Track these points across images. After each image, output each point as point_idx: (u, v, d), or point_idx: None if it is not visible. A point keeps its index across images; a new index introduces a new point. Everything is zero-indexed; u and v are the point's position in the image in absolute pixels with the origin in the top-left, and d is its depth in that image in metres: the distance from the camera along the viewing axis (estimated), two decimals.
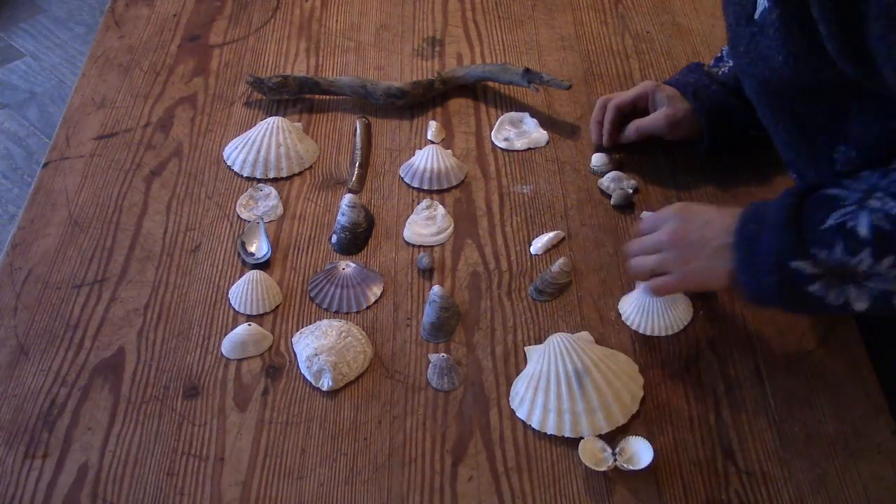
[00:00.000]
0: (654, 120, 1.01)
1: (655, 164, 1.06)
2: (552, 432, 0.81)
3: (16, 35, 2.73)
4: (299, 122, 1.13)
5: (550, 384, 0.82)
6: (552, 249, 0.97)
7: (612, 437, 0.81)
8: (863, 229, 0.70)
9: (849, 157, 0.79)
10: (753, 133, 0.96)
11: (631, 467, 0.78)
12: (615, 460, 0.78)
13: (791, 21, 0.71)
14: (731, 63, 1.02)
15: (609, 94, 1.06)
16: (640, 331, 0.89)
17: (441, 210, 1.01)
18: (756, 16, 0.76)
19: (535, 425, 0.81)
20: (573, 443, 0.80)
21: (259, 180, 1.06)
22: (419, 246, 0.98)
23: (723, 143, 1.01)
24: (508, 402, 0.84)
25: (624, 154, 1.06)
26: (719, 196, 1.02)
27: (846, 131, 0.79)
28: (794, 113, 0.81)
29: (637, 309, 0.90)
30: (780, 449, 0.80)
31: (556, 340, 0.84)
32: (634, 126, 1.03)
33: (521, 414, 0.83)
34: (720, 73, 1.01)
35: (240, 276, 0.95)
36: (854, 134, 0.78)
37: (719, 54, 1.06)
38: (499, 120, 1.12)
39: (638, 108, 1.04)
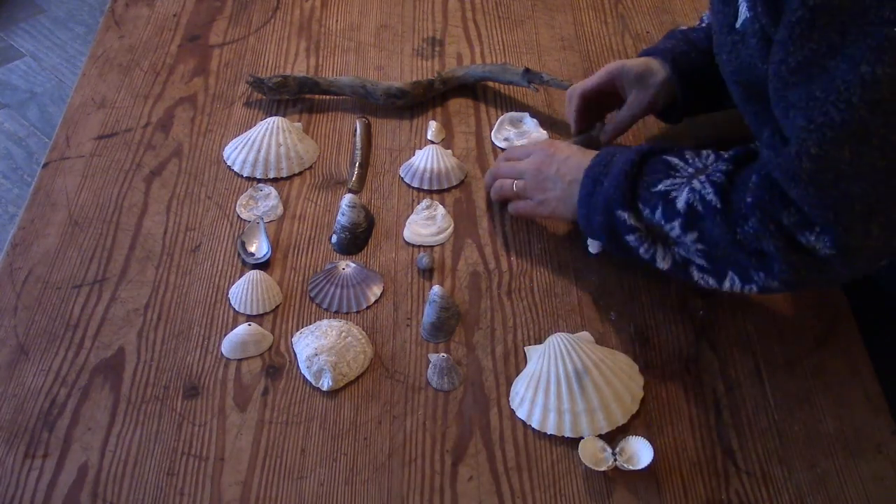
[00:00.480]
0: (629, 111, 1.00)
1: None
2: (552, 432, 0.81)
3: (16, 35, 2.73)
4: (299, 122, 1.13)
5: (550, 384, 0.82)
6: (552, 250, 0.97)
7: (612, 437, 0.81)
8: (680, 203, 0.78)
9: None
10: (727, 104, 0.95)
11: (631, 467, 0.78)
12: (615, 460, 0.78)
13: (767, 36, 0.72)
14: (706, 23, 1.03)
15: (574, 85, 1.04)
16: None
17: (441, 210, 1.01)
18: (737, 24, 0.77)
19: (535, 425, 0.81)
20: (573, 443, 0.80)
21: (259, 180, 1.06)
22: (419, 246, 0.98)
23: (699, 103, 1.00)
24: (508, 402, 0.84)
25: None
26: None
27: None
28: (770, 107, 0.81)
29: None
30: (780, 449, 0.80)
31: (556, 340, 0.84)
32: (615, 123, 1.02)
33: (521, 414, 0.83)
34: (695, 34, 1.01)
35: (240, 276, 0.95)
36: None
37: (699, 22, 1.06)
38: (499, 120, 1.12)
39: (605, 92, 1.02)
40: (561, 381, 0.82)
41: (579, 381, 0.81)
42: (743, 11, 0.76)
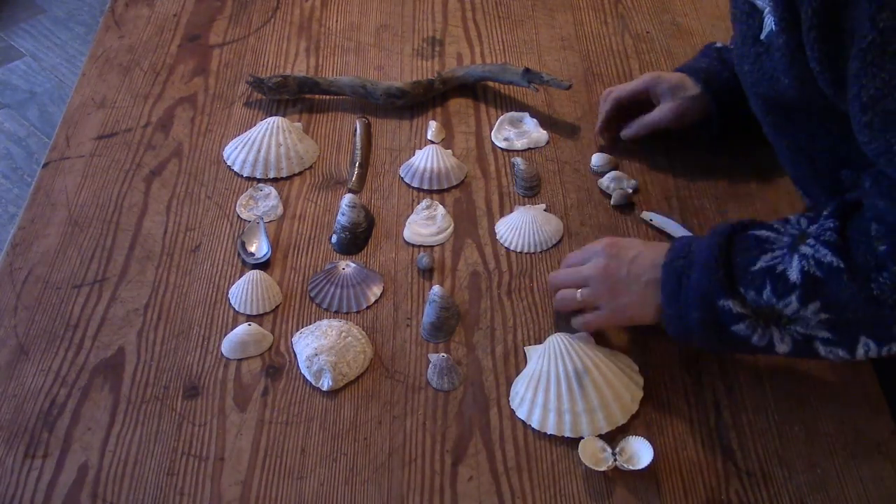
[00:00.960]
0: (659, 114, 1.01)
1: (655, 163, 1.06)
2: (552, 432, 0.81)
3: (16, 35, 2.73)
4: (299, 122, 1.13)
5: (550, 384, 0.82)
6: (552, 249, 0.97)
7: (612, 437, 0.81)
8: (793, 274, 0.71)
9: (854, 179, 0.78)
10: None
11: (631, 467, 0.78)
12: (615, 460, 0.78)
13: (798, 47, 0.70)
14: None
15: (611, 87, 1.06)
16: (513, 248, 0.97)
17: (441, 210, 1.01)
18: (762, 36, 0.75)
19: (535, 425, 0.81)
20: (573, 443, 0.80)
21: (259, 180, 1.06)
22: (419, 246, 0.98)
23: (730, 129, 1.00)
24: (508, 402, 0.84)
25: (623, 156, 1.06)
26: (720, 196, 1.02)
27: (847, 156, 0.78)
28: (798, 133, 0.81)
29: (510, 228, 0.98)
30: (780, 449, 0.80)
31: (556, 340, 0.84)
32: (641, 123, 1.03)
33: (521, 414, 0.83)
34: (730, 53, 1.00)
35: (240, 276, 0.95)
36: (855, 159, 0.76)
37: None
38: (499, 120, 1.12)
39: (640, 100, 1.04)
40: (561, 381, 0.82)
41: (579, 381, 0.81)
42: (769, 23, 0.73)
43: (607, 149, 1.07)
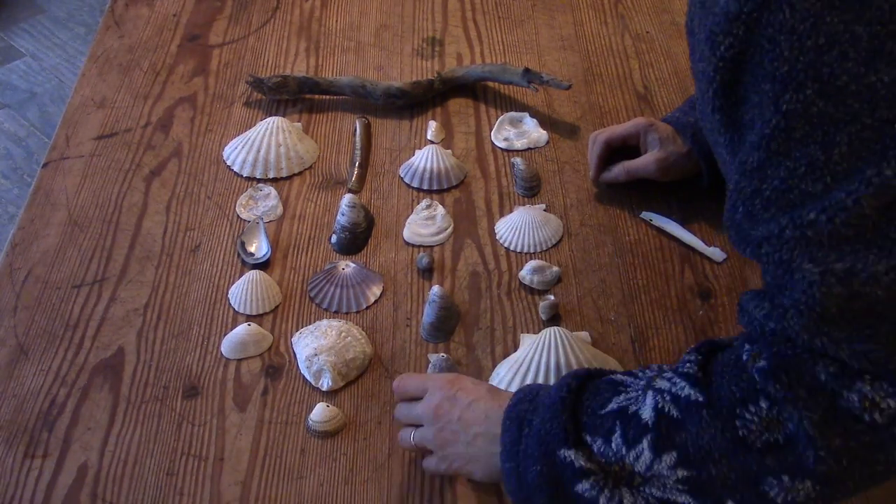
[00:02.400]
0: (644, 163, 0.98)
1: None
2: None
3: (16, 35, 2.73)
4: (299, 122, 1.13)
5: (530, 372, 0.82)
6: (552, 249, 0.97)
7: None
8: (646, 413, 0.60)
9: None
10: None
11: None
12: None
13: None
14: None
15: (600, 130, 1.03)
16: (513, 248, 0.96)
17: (441, 210, 1.01)
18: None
19: None
20: None
21: (259, 180, 1.06)
22: (419, 246, 0.98)
23: (723, 181, 0.96)
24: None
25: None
26: (720, 196, 1.01)
27: None
28: None
29: (510, 228, 0.97)
30: None
31: (552, 333, 0.84)
32: (623, 168, 0.99)
33: None
34: None
35: (239, 276, 0.95)
36: None
37: None
38: (499, 120, 1.12)
39: (628, 144, 1.00)
40: (540, 372, 0.82)
41: (558, 375, 0.82)
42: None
43: (604, 186, 1.04)
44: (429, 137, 1.11)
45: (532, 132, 1.11)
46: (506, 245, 0.98)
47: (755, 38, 0.54)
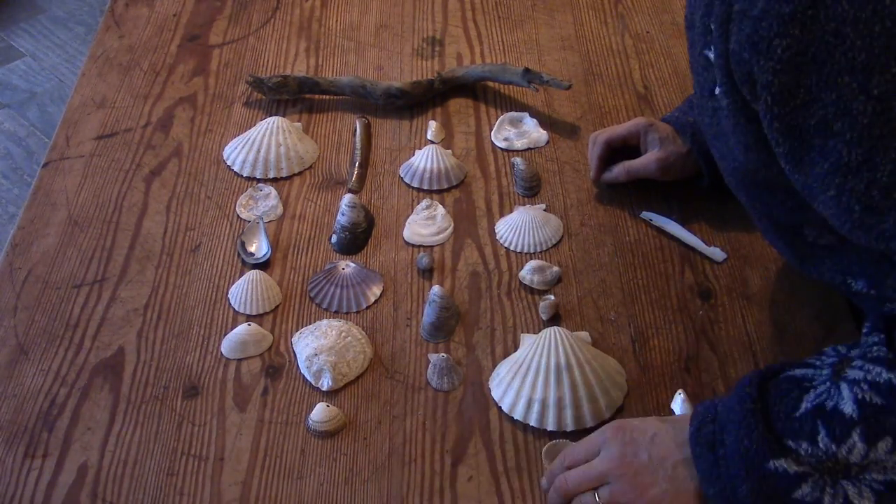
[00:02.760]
0: (644, 163, 0.97)
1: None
2: (518, 418, 0.81)
3: (16, 35, 2.73)
4: (299, 122, 1.13)
5: (530, 372, 0.82)
6: (552, 249, 0.97)
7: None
8: (847, 406, 0.59)
9: (819, 234, 0.72)
10: None
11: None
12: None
13: (738, 113, 0.64)
14: None
15: (600, 130, 1.03)
16: (513, 248, 0.96)
17: (441, 210, 1.01)
18: (716, 91, 0.67)
19: (504, 408, 0.82)
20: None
21: (259, 180, 1.06)
22: (419, 246, 0.98)
23: (723, 181, 0.96)
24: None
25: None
26: (720, 196, 1.01)
27: (808, 218, 0.71)
28: (753, 193, 0.76)
29: (510, 228, 0.97)
30: None
31: (552, 333, 0.84)
32: (624, 168, 0.99)
33: (496, 395, 0.83)
34: None
35: (240, 276, 0.95)
36: (818, 220, 0.69)
37: None
38: (499, 120, 1.12)
39: (629, 144, 1.00)
40: (540, 372, 0.82)
41: (558, 375, 0.82)
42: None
43: (605, 186, 1.04)
44: (429, 137, 1.11)
45: (532, 132, 1.11)
46: (506, 245, 0.98)
47: (816, 35, 0.54)
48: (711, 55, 0.66)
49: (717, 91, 0.67)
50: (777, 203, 0.72)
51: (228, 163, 1.08)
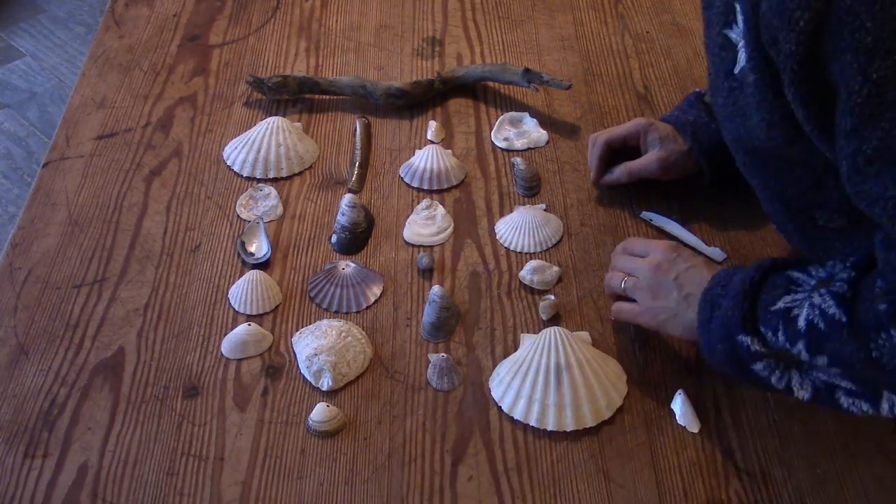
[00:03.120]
0: (646, 163, 0.98)
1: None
2: (518, 418, 0.81)
3: (16, 35, 2.73)
4: (299, 122, 1.13)
5: (530, 372, 0.82)
6: (552, 249, 0.97)
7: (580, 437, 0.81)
8: (801, 321, 0.68)
9: (830, 218, 0.77)
10: None
11: None
12: None
13: (766, 89, 0.67)
14: None
15: (600, 131, 1.03)
16: (513, 248, 0.97)
17: (441, 210, 1.01)
18: (736, 70, 0.72)
19: (504, 408, 0.82)
20: (573, 442, 0.80)
21: (259, 180, 1.06)
22: (419, 246, 0.98)
23: (723, 179, 0.97)
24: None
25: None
26: (720, 196, 1.01)
27: (822, 199, 0.76)
28: (767, 174, 0.78)
29: (510, 228, 0.98)
30: (780, 449, 0.80)
31: (551, 333, 0.84)
32: (625, 169, 0.99)
33: (496, 394, 0.84)
34: None
35: (240, 276, 0.95)
36: (831, 202, 0.75)
37: None
38: (499, 120, 1.12)
39: (629, 145, 1.00)
40: (540, 372, 0.82)
41: (558, 375, 0.82)
42: (742, 59, 0.70)
43: (605, 187, 1.03)
44: (429, 137, 1.11)
45: (532, 132, 1.11)
46: (506, 245, 0.98)
47: (833, 10, 0.57)
48: (732, 34, 0.70)
49: (736, 70, 0.71)
50: (793, 182, 0.76)
51: (228, 163, 1.08)
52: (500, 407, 0.83)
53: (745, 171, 0.82)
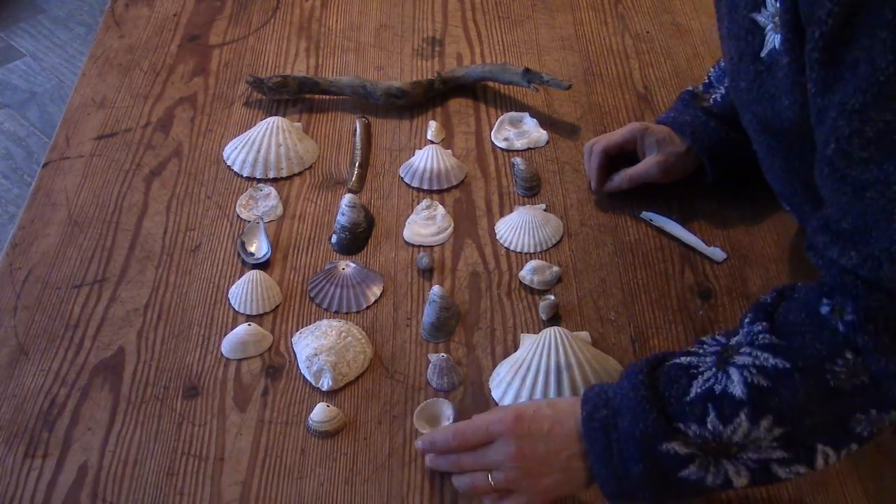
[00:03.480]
0: (645, 168, 0.98)
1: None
2: None
3: (16, 35, 2.73)
4: (299, 122, 1.13)
5: (530, 373, 0.82)
6: (552, 249, 0.97)
7: None
8: (736, 389, 0.64)
9: None
10: (755, 165, 0.91)
11: None
12: None
13: (802, 69, 0.67)
14: (721, 90, 0.98)
15: (595, 138, 1.02)
16: (513, 248, 0.96)
17: (441, 210, 1.01)
18: (763, 54, 0.71)
19: None
20: None
21: (259, 180, 1.06)
22: (419, 246, 0.98)
23: (725, 176, 0.97)
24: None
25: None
26: (720, 196, 1.01)
27: None
28: (791, 154, 0.78)
29: (510, 228, 0.97)
30: None
31: (552, 333, 0.84)
32: (626, 176, 0.99)
33: (496, 395, 0.84)
34: (712, 100, 0.98)
35: (240, 276, 0.95)
36: None
37: (707, 80, 1.02)
38: (499, 120, 1.12)
39: (625, 150, 1.00)
40: (540, 373, 0.82)
41: (558, 375, 0.82)
42: (771, 41, 0.70)
43: (606, 194, 1.03)
44: (429, 137, 1.11)
45: (532, 132, 1.11)
46: (506, 245, 0.98)
47: None
48: (760, 17, 0.70)
49: (763, 54, 0.71)
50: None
51: (228, 163, 1.08)
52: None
53: (767, 153, 0.81)
